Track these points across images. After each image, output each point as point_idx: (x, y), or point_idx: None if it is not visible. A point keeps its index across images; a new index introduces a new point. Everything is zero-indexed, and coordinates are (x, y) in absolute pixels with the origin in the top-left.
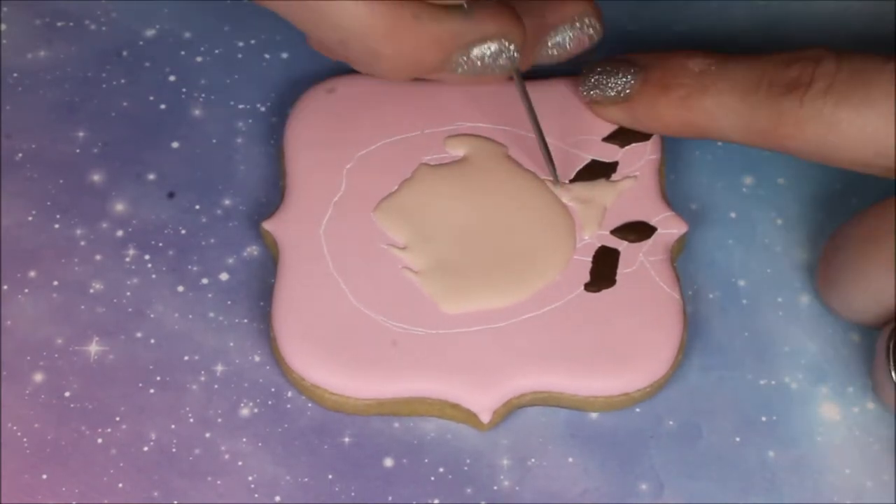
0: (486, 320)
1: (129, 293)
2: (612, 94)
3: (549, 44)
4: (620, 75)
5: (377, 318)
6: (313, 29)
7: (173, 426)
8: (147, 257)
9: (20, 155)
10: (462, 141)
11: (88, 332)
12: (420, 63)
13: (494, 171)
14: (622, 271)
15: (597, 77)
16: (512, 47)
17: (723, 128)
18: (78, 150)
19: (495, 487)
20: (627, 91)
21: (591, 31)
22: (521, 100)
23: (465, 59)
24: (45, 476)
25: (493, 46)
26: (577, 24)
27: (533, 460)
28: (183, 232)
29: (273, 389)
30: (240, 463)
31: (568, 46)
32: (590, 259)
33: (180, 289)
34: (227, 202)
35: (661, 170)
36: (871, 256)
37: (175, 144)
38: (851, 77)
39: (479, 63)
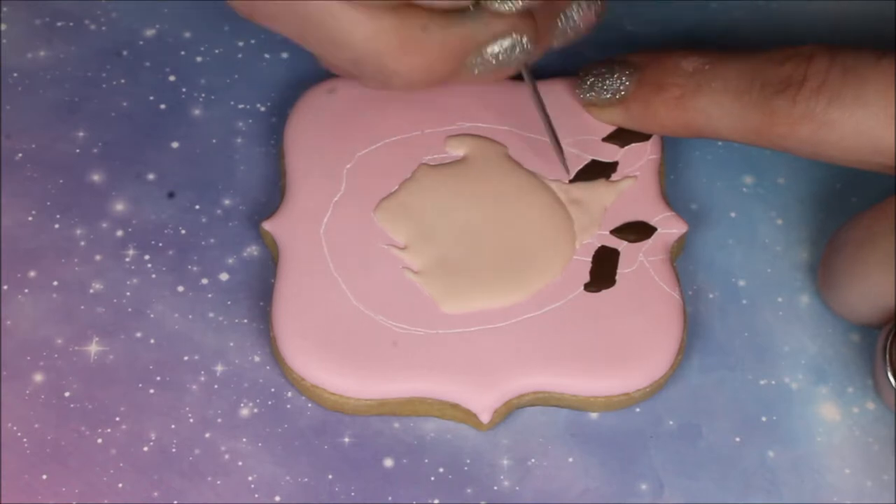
0: (486, 320)
1: (129, 293)
2: (608, 95)
3: (560, 27)
4: (616, 76)
5: (377, 319)
6: (324, 52)
7: (173, 426)
8: (147, 257)
9: (20, 155)
10: (462, 141)
11: (88, 332)
12: (435, 73)
13: (494, 171)
14: (622, 271)
15: (592, 79)
16: (524, 39)
17: (718, 127)
18: (78, 150)
19: (495, 487)
20: (623, 92)
21: (598, 2)
22: (531, 92)
23: (479, 59)
24: (45, 476)
25: (506, 42)
26: (583, 3)
27: (533, 460)
28: (183, 232)
29: (273, 389)
30: (240, 463)
31: (580, 25)
32: (589, 259)
33: (180, 289)
34: (227, 202)
35: (661, 170)
36: (869, 257)
37: (175, 144)
38: (844, 74)
39: (494, 61)
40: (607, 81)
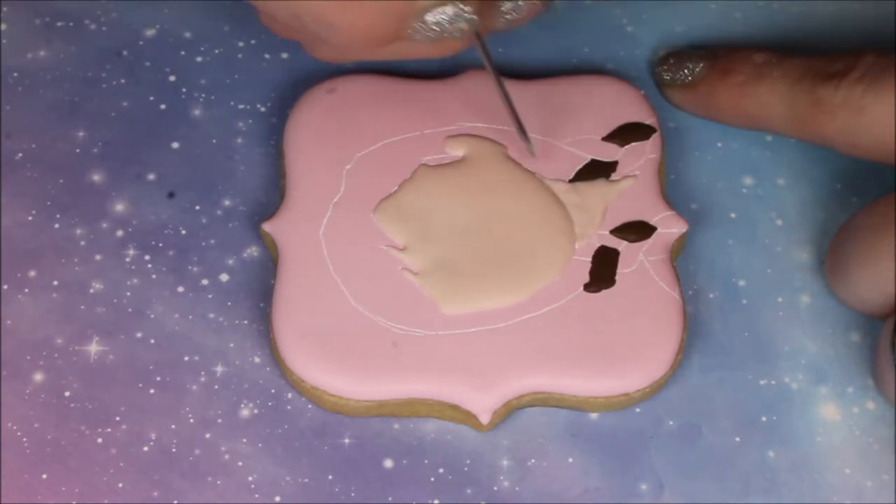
0: (486, 321)
1: (129, 293)
2: (681, 77)
3: (503, 8)
4: (694, 61)
5: (377, 320)
6: (265, 3)
7: (173, 426)
8: (147, 257)
9: (20, 155)
10: (462, 141)
11: (88, 332)
12: (375, 32)
13: (494, 171)
14: (622, 271)
15: (673, 60)
16: (468, 9)
17: (771, 116)
18: (78, 150)
19: (495, 488)
20: (692, 77)
21: None
22: (484, 62)
23: (421, 24)
24: (45, 476)
25: (449, 10)
26: None
27: (533, 461)
28: (183, 232)
29: (273, 390)
30: (240, 463)
31: (523, 8)
32: (589, 259)
33: (180, 289)
34: (227, 202)
35: (661, 169)
36: (878, 246)
37: (175, 144)
38: (886, 68)
39: (437, 28)
40: (684, 64)
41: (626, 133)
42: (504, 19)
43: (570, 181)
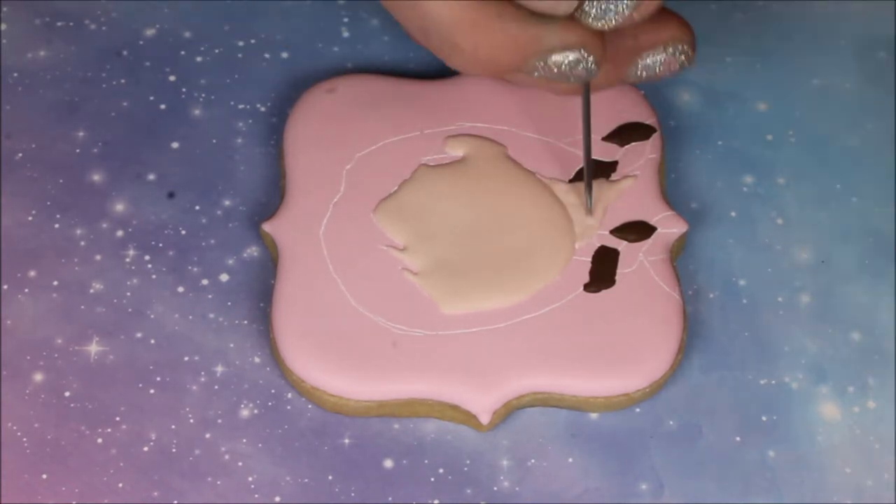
0: (486, 321)
1: (129, 293)
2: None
3: (640, 65)
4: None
5: (377, 320)
6: (398, 11)
7: (173, 426)
8: (147, 257)
9: (20, 155)
10: (462, 141)
11: (88, 332)
12: (496, 61)
13: (494, 171)
14: (622, 271)
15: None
16: (591, 59)
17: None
18: (78, 150)
19: (495, 488)
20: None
21: (682, 57)
22: (583, 114)
23: (542, 64)
24: (45, 476)
25: (572, 56)
26: (670, 50)
27: (533, 461)
28: (183, 232)
29: (273, 391)
30: (240, 464)
31: (657, 70)
32: (589, 259)
33: (180, 289)
34: (227, 202)
35: (661, 169)
36: None
37: (175, 144)
38: None
39: (555, 70)
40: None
41: (626, 133)
42: (636, 75)
43: (570, 181)
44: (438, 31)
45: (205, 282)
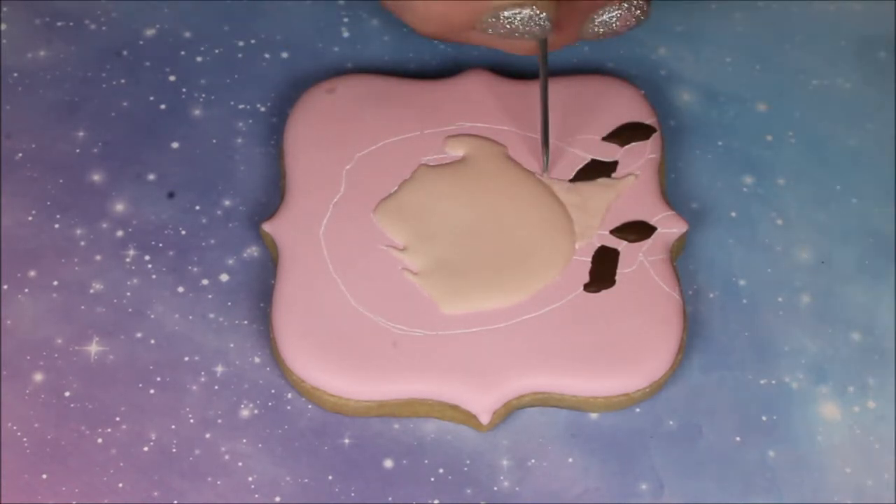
0: (486, 321)
1: (129, 293)
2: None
3: (597, 21)
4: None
5: (377, 320)
6: None
7: (173, 426)
8: (147, 258)
9: (20, 155)
10: (462, 141)
11: (88, 332)
12: (449, 19)
13: (494, 171)
14: (622, 271)
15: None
16: (543, 15)
17: None
18: (78, 150)
19: (495, 488)
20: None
21: (638, 11)
22: (540, 71)
23: (493, 20)
24: (45, 476)
25: (525, 12)
26: (625, 5)
27: (533, 461)
28: (183, 232)
29: (273, 391)
30: (240, 464)
31: (614, 25)
32: (589, 259)
33: (180, 289)
34: (227, 202)
35: (661, 169)
36: None
37: (175, 144)
38: None
39: (508, 26)
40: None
41: (626, 133)
42: (594, 31)
43: (570, 181)
44: None
45: (205, 282)
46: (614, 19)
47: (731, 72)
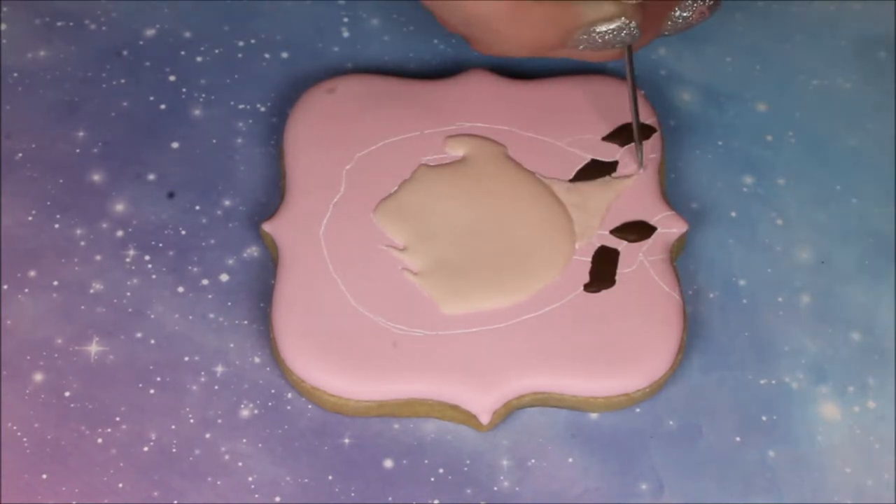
0: (486, 321)
1: (129, 293)
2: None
3: (676, 17)
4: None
5: (377, 320)
6: (437, 11)
7: (173, 426)
8: (147, 258)
9: (20, 155)
10: (462, 141)
11: (88, 332)
12: (541, 42)
13: (494, 171)
14: (622, 271)
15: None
16: (633, 24)
17: None
18: (78, 150)
19: (495, 488)
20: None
21: (711, 1)
22: (628, 76)
23: (586, 37)
24: (45, 476)
25: (615, 24)
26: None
27: (533, 461)
28: (183, 232)
29: (273, 391)
30: (240, 464)
31: (692, 18)
32: (589, 259)
33: (180, 289)
34: (227, 202)
35: (662, 169)
36: None
37: (175, 144)
38: None
39: (599, 40)
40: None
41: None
42: (675, 27)
43: (570, 181)
44: (480, 23)
45: (205, 282)
46: (692, 12)
47: (731, 72)
